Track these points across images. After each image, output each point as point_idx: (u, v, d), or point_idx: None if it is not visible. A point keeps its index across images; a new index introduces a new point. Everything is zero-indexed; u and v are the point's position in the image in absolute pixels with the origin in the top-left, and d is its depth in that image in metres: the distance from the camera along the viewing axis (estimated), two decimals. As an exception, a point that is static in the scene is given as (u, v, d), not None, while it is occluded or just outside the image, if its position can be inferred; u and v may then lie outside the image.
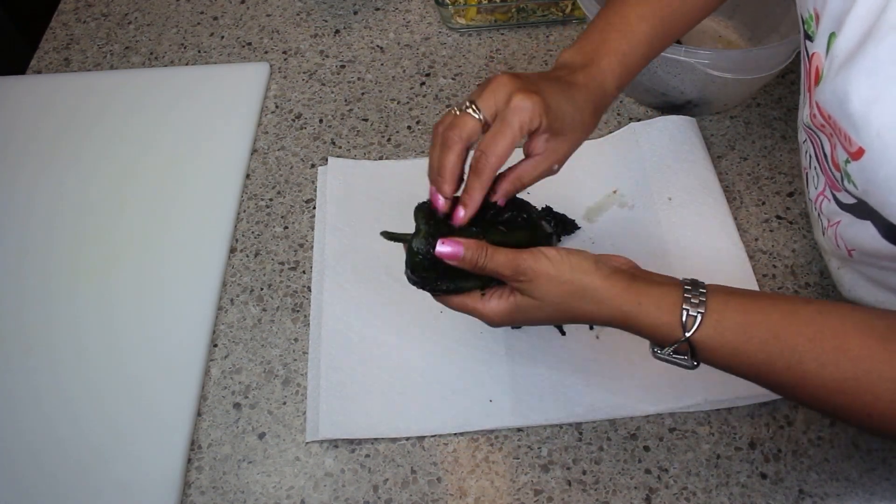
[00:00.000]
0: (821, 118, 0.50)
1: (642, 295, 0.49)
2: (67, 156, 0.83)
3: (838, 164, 0.50)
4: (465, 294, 0.54)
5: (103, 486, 0.61)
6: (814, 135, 0.55)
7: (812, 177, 0.60)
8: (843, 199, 0.54)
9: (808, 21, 0.53)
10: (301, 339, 0.69)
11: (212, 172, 0.81)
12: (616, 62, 0.58)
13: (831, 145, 0.51)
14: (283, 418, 0.65)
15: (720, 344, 0.47)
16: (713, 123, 0.83)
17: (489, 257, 0.50)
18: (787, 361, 0.46)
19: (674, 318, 0.48)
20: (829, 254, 0.64)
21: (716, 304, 0.48)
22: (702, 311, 0.47)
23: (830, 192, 0.56)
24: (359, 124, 0.86)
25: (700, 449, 0.61)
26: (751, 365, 0.47)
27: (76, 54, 0.96)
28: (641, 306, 0.49)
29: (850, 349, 0.44)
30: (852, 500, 0.58)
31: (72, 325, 0.70)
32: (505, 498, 0.60)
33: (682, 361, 0.49)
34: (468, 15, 0.94)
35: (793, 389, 0.47)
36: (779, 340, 0.46)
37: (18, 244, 0.76)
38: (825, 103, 0.48)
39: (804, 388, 0.46)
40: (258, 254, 0.76)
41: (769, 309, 0.47)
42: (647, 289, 0.49)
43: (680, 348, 0.48)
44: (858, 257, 0.56)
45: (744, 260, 0.71)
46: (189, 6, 1.01)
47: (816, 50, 0.51)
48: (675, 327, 0.48)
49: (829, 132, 0.50)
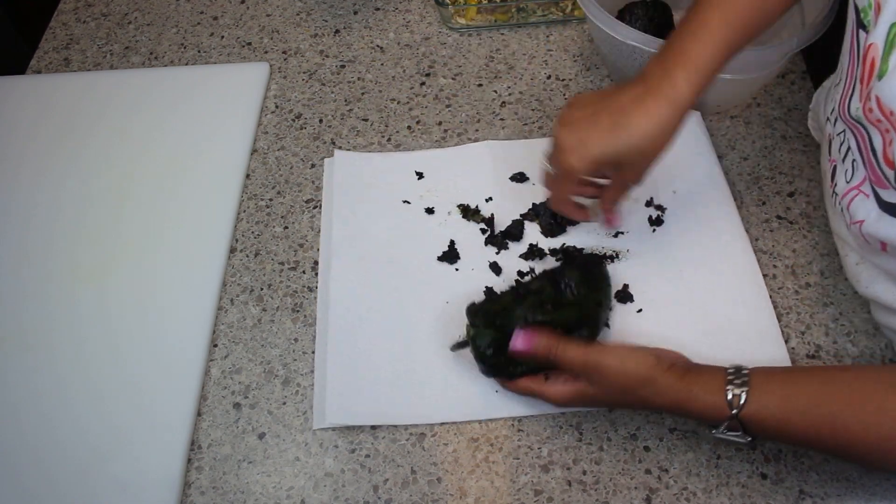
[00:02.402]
0: (878, 112, 0.49)
1: (693, 384, 0.54)
2: (67, 156, 0.83)
3: (893, 161, 0.50)
4: (530, 378, 0.60)
5: (103, 486, 0.61)
6: (860, 128, 0.54)
7: (844, 171, 0.59)
8: (887, 198, 0.53)
9: (866, 10, 0.52)
10: (301, 339, 0.69)
11: (212, 172, 0.81)
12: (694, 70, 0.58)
13: (886, 141, 0.50)
14: (283, 418, 0.65)
15: (765, 417, 0.52)
16: (713, 123, 0.83)
17: (561, 352, 0.57)
18: (831, 427, 0.50)
19: (720, 399, 0.52)
20: (850, 248, 0.64)
21: (758, 381, 0.52)
22: (745, 389, 0.52)
23: (871, 187, 0.55)
24: (359, 124, 0.86)
25: (700, 449, 0.61)
26: (797, 433, 0.52)
27: (76, 54, 0.96)
28: (692, 393, 0.54)
29: (890, 409, 0.48)
30: (852, 500, 0.58)
31: (72, 324, 0.70)
32: (505, 498, 0.60)
33: (737, 438, 0.54)
34: (468, 15, 0.94)
35: (841, 451, 0.52)
36: (819, 407, 0.50)
37: (18, 244, 0.76)
38: (889, 98, 0.48)
39: (851, 449, 0.50)
40: (258, 254, 0.76)
41: (807, 379, 0.52)
42: (696, 377, 0.54)
43: (732, 426, 0.53)
44: (892, 252, 0.56)
45: (749, 253, 0.71)
46: (189, 6, 1.01)
47: (874, 41, 0.50)
48: (723, 407, 0.52)
49: (887, 127, 0.50)
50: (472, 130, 0.84)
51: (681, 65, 0.58)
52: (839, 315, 0.68)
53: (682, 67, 0.58)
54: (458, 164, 0.80)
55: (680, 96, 0.57)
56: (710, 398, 0.53)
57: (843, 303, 0.69)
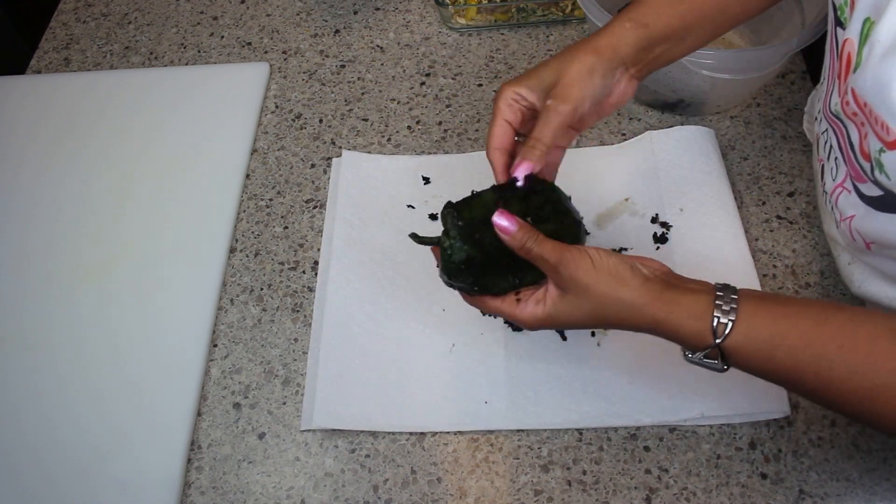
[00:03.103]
0: (854, 106, 0.49)
1: (674, 304, 0.49)
2: (67, 156, 0.83)
3: (868, 154, 0.49)
4: (501, 298, 0.54)
5: (103, 486, 0.61)
6: (840, 124, 0.54)
7: (830, 169, 0.59)
8: (867, 192, 0.53)
9: (842, 7, 0.52)
10: (301, 339, 0.69)
11: (212, 172, 0.81)
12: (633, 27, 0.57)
13: (861, 134, 0.50)
14: (283, 418, 0.65)
15: (750, 351, 0.48)
16: (713, 123, 0.83)
17: (538, 242, 0.51)
18: (817, 369, 0.46)
19: (705, 326, 0.48)
20: (842, 248, 0.63)
21: (746, 312, 0.48)
22: (732, 318, 0.48)
23: (852, 183, 0.55)
24: (359, 124, 0.86)
25: (700, 449, 0.61)
26: (780, 371, 0.48)
27: (76, 54, 0.96)
28: (673, 314, 0.49)
29: (881, 357, 0.45)
30: (853, 500, 0.58)
31: (72, 324, 0.70)
32: (505, 498, 0.60)
33: (713, 365, 0.50)
34: (468, 15, 0.94)
35: (823, 396, 0.48)
36: (809, 348, 0.46)
37: (18, 244, 0.76)
38: (863, 90, 0.48)
39: (834, 395, 0.47)
40: (258, 254, 0.76)
41: (799, 316, 0.48)
42: (679, 297, 0.49)
43: (710, 353, 0.49)
44: (877, 250, 0.56)
45: (753, 276, 0.69)
46: (189, 6, 1.01)
47: (849, 36, 0.50)
48: (707, 334, 0.48)
49: (862, 120, 0.49)
50: (472, 130, 0.84)
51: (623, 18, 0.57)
52: (839, 315, 0.68)
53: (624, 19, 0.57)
54: (465, 171, 0.80)
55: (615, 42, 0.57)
56: (694, 324, 0.48)
57: (843, 303, 0.69)
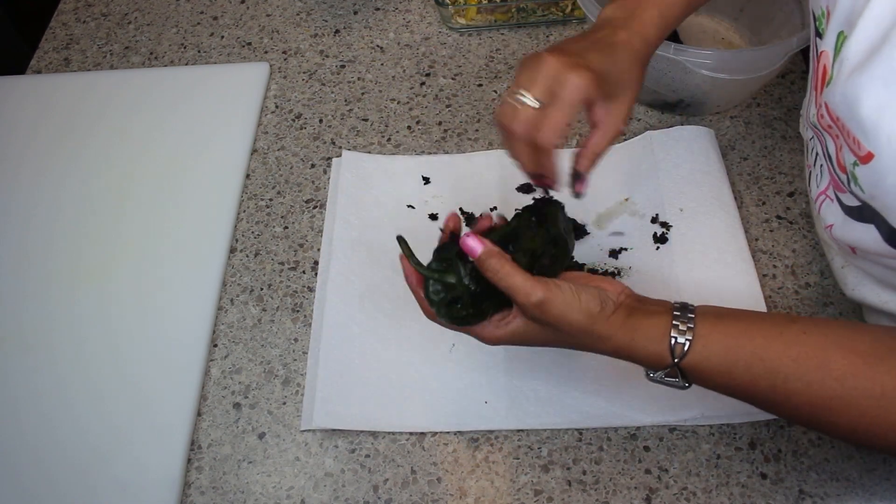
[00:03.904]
0: (828, 119, 0.50)
1: (635, 330, 0.51)
2: (67, 156, 0.83)
3: (844, 166, 0.50)
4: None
5: (103, 486, 0.61)
6: (819, 134, 0.55)
7: (815, 175, 0.60)
8: (847, 202, 0.53)
9: (820, 18, 0.52)
10: (301, 339, 0.69)
11: (212, 172, 0.81)
12: (657, 14, 0.58)
13: (837, 146, 0.51)
14: (283, 418, 0.65)
15: (708, 368, 0.49)
16: (713, 123, 0.83)
17: (507, 274, 0.50)
18: (772, 382, 0.48)
19: (663, 348, 0.50)
20: (835, 252, 0.64)
21: (703, 330, 0.49)
22: (689, 338, 0.49)
23: (834, 192, 0.55)
24: (359, 124, 0.86)
25: (700, 449, 0.61)
26: (738, 386, 0.49)
27: (76, 54, 0.96)
28: (635, 341, 0.50)
29: (833, 368, 0.46)
30: (852, 500, 0.58)
31: (72, 324, 0.70)
32: (505, 498, 0.60)
33: (674, 383, 0.52)
34: (468, 15, 0.94)
35: (780, 408, 0.50)
36: (763, 362, 0.48)
37: (18, 244, 0.76)
38: (834, 105, 0.48)
39: (791, 406, 0.48)
40: (258, 254, 0.76)
41: (754, 331, 0.49)
42: (638, 322, 0.51)
43: (671, 372, 0.51)
44: (862, 254, 0.56)
45: (752, 276, 0.69)
46: (189, 6, 1.01)
47: (825, 49, 0.50)
48: (665, 355, 0.50)
49: (836, 133, 0.50)
50: (472, 130, 0.84)
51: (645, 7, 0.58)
52: (839, 315, 0.68)
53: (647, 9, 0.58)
54: (465, 172, 0.80)
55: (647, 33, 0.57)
56: (653, 347, 0.50)
57: (843, 303, 0.69)
